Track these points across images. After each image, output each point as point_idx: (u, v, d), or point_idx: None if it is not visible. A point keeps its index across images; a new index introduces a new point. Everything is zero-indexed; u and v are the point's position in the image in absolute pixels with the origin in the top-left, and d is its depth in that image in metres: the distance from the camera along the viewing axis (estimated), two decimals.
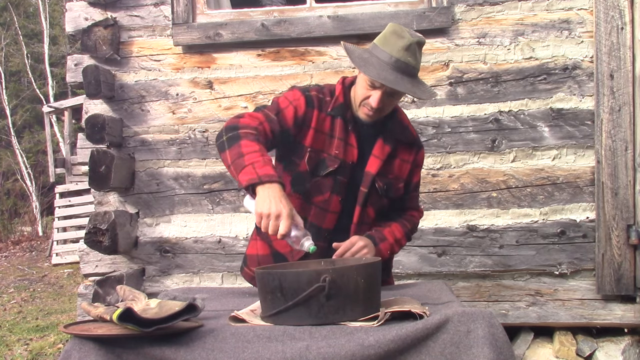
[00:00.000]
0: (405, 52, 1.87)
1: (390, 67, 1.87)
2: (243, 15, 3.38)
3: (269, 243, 2.14)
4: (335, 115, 2.02)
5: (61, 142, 13.92)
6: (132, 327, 1.37)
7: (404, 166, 2.10)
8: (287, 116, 1.98)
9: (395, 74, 1.87)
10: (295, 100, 2.01)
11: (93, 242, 3.14)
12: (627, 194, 3.08)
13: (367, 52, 1.96)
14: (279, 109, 1.99)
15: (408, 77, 1.88)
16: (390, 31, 1.92)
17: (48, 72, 16.52)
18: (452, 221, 3.22)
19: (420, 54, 1.93)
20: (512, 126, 3.19)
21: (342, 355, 1.35)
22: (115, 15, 3.40)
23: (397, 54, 1.87)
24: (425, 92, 1.95)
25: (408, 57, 1.87)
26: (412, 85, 1.89)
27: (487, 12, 3.21)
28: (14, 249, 11.51)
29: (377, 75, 1.86)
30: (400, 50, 1.87)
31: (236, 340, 1.42)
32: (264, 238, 2.16)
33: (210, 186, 3.34)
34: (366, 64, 1.90)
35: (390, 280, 2.27)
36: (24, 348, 4.66)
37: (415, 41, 1.88)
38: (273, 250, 2.11)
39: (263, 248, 2.15)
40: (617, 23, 3.08)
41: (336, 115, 2.02)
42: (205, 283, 3.34)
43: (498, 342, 1.37)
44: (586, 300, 3.16)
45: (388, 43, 1.90)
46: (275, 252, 2.10)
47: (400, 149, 2.09)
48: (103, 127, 3.17)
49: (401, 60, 1.87)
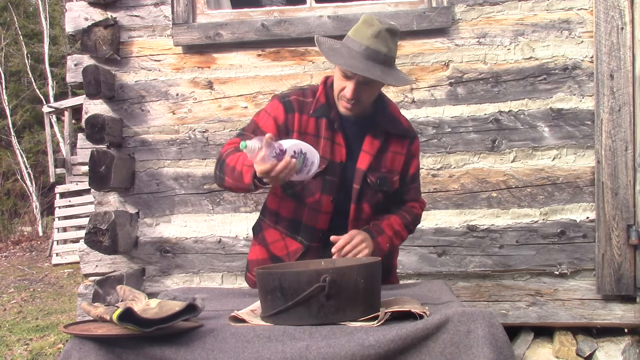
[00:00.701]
0: (374, 40, 1.86)
1: (360, 55, 1.86)
2: (243, 15, 3.38)
3: (265, 247, 2.14)
4: (318, 116, 2.02)
5: (61, 142, 13.92)
6: (132, 327, 1.37)
7: (397, 159, 2.07)
8: (268, 129, 1.98)
9: (365, 62, 1.85)
10: (274, 110, 2.03)
11: (93, 242, 3.14)
12: (627, 194, 3.08)
13: (339, 43, 1.95)
14: (256, 126, 2.03)
15: (380, 65, 1.87)
16: (361, 21, 1.92)
17: (48, 72, 16.53)
18: (452, 221, 3.22)
19: (393, 42, 1.91)
20: (512, 126, 3.19)
21: (342, 355, 1.35)
22: (115, 15, 3.40)
23: (366, 42, 1.86)
24: (398, 80, 1.93)
25: (378, 45, 1.86)
26: (383, 73, 1.87)
27: (487, 12, 3.21)
28: (14, 249, 11.52)
29: (344, 64, 1.85)
30: (369, 38, 1.86)
31: (236, 340, 1.42)
32: (260, 242, 2.17)
33: (210, 186, 3.34)
34: (335, 54, 1.90)
35: (394, 279, 2.24)
36: (24, 348, 4.66)
37: (385, 28, 1.87)
38: (270, 254, 2.12)
39: (261, 252, 2.16)
40: (617, 23, 3.08)
41: (319, 116, 2.02)
42: (205, 283, 3.34)
43: (498, 342, 1.37)
44: (586, 300, 3.17)
45: (358, 32, 1.89)
46: (272, 256, 2.11)
47: (392, 141, 2.07)
48: (103, 127, 3.17)
49: (371, 48, 1.85)
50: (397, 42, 1.94)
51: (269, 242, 2.13)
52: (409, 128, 2.14)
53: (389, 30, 1.87)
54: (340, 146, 2.02)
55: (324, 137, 2.01)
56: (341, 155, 2.02)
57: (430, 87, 3.23)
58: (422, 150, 3.21)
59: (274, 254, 2.10)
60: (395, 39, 1.92)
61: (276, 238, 2.11)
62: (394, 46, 1.92)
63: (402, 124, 2.11)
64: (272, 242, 2.12)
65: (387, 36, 1.87)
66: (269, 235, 2.13)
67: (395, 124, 2.09)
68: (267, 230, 2.14)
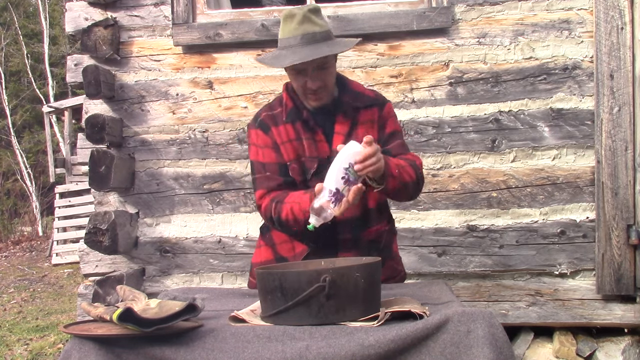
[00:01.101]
0: (302, 26, 1.89)
1: (300, 45, 1.89)
2: (243, 15, 3.38)
3: (272, 247, 2.14)
4: (292, 120, 2.05)
5: (61, 142, 13.93)
6: (132, 327, 1.37)
7: (370, 127, 2.06)
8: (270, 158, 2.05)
9: (305, 48, 1.88)
10: (258, 139, 2.08)
11: (93, 242, 3.14)
12: (627, 194, 3.08)
13: (276, 49, 1.98)
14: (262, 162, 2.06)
15: (321, 43, 1.89)
16: (282, 19, 1.95)
17: (48, 72, 16.54)
18: (452, 221, 3.22)
19: (319, 18, 1.94)
20: (512, 126, 3.19)
21: (342, 355, 1.35)
22: (115, 15, 3.40)
23: (295, 32, 1.89)
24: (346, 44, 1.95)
25: (308, 28, 1.89)
26: (329, 47, 1.90)
27: (487, 12, 3.21)
28: (14, 249, 11.52)
29: (292, 61, 1.88)
30: (296, 27, 1.89)
31: (236, 340, 1.42)
32: (267, 242, 2.16)
33: (210, 186, 3.34)
34: (278, 59, 1.93)
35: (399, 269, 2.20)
36: (24, 348, 4.66)
37: (306, 11, 1.90)
38: (277, 255, 2.11)
39: (267, 253, 2.15)
40: (617, 23, 3.08)
41: (293, 120, 2.05)
42: (205, 283, 3.34)
43: (498, 342, 1.37)
44: (586, 300, 3.16)
45: (286, 28, 1.93)
46: (278, 257, 2.10)
47: (362, 114, 2.07)
48: (103, 127, 3.17)
49: (306, 34, 1.89)
50: (323, 17, 1.97)
51: (277, 243, 2.13)
52: (376, 97, 2.14)
53: (311, 11, 1.92)
54: (322, 142, 2.04)
55: (305, 139, 2.03)
56: (325, 150, 2.03)
57: (430, 87, 3.23)
58: (423, 150, 3.22)
59: (281, 255, 2.10)
60: (320, 15, 1.95)
61: (284, 239, 2.11)
62: (323, 22, 1.96)
63: (368, 95, 2.12)
64: (280, 243, 2.12)
65: (312, 16, 1.91)
66: (277, 236, 2.13)
67: (360, 97, 2.10)
68: (274, 231, 2.13)
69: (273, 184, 2.04)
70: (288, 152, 2.05)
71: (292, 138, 2.04)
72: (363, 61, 3.26)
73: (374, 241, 2.10)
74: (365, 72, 3.25)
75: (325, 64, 1.92)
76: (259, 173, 2.08)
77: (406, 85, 3.24)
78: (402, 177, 1.91)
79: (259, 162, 2.08)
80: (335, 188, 1.71)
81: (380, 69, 3.25)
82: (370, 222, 2.09)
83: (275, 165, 2.05)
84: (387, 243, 2.15)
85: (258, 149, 2.08)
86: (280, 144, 2.05)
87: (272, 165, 2.05)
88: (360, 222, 2.06)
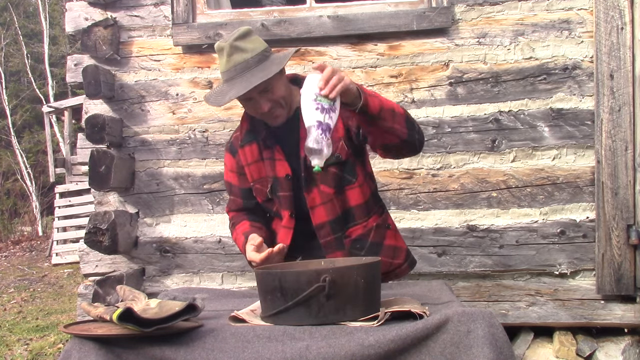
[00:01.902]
0: (232, 57, 1.88)
1: (237, 76, 1.88)
2: (243, 15, 3.38)
3: None
4: (249, 143, 2.08)
5: (61, 142, 13.92)
6: (132, 327, 1.37)
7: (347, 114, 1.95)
8: (234, 182, 2.18)
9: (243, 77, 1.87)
10: (227, 162, 2.18)
11: (93, 242, 3.14)
12: (627, 194, 3.08)
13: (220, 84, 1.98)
14: (230, 185, 2.21)
15: (255, 67, 1.88)
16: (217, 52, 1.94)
17: (48, 72, 16.53)
18: (452, 221, 3.22)
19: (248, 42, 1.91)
20: (512, 126, 3.19)
21: (342, 355, 1.35)
22: (115, 15, 3.40)
23: (228, 65, 1.89)
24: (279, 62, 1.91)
25: (237, 58, 1.88)
26: (264, 70, 1.87)
27: (487, 12, 3.21)
28: (14, 249, 11.52)
29: (232, 95, 1.86)
30: (228, 60, 1.89)
31: (236, 340, 1.42)
32: None
33: (210, 186, 3.34)
34: (220, 95, 1.93)
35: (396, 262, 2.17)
36: (24, 348, 4.66)
37: (232, 41, 1.88)
38: None
39: None
40: (617, 23, 3.08)
41: (250, 142, 2.08)
42: (205, 283, 3.34)
43: (498, 342, 1.37)
44: (586, 300, 3.17)
45: (222, 62, 1.93)
46: None
47: None
48: (103, 127, 3.17)
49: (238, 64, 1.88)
50: (252, 37, 1.94)
51: None
52: None
53: (237, 39, 1.89)
54: (280, 160, 2.04)
55: (265, 159, 2.06)
56: (285, 168, 2.03)
57: (430, 87, 3.23)
58: (423, 150, 3.20)
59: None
60: (248, 38, 1.92)
61: None
62: (253, 44, 1.92)
63: None
64: None
65: (239, 44, 1.89)
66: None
67: None
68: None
69: (234, 206, 2.23)
70: (252, 173, 2.10)
71: (256, 159, 2.09)
72: (363, 61, 3.26)
73: (359, 240, 2.08)
74: (365, 72, 3.25)
75: (268, 86, 1.90)
76: (228, 193, 2.26)
77: (406, 85, 3.24)
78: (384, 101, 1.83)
79: (228, 183, 2.23)
80: (316, 121, 1.65)
81: (380, 69, 3.25)
82: (353, 220, 2.08)
83: (238, 189, 2.18)
84: (378, 239, 2.12)
85: (227, 171, 2.20)
86: (245, 166, 2.11)
87: (235, 188, 2.19)
88: (342, 222, 2.06)
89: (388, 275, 2.13)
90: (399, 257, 2.18)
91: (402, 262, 2.19)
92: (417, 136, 1.96)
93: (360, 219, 2.09)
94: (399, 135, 1.89)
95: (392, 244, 2.18)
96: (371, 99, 1.78)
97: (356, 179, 2.07)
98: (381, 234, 2.14)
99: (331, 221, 2.04)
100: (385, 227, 2.17)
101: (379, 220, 2.15)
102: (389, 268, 2.14)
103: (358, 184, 2.08)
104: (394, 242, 2.19)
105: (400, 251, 2.19)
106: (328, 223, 2.04)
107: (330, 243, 2.05)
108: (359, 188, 2.08)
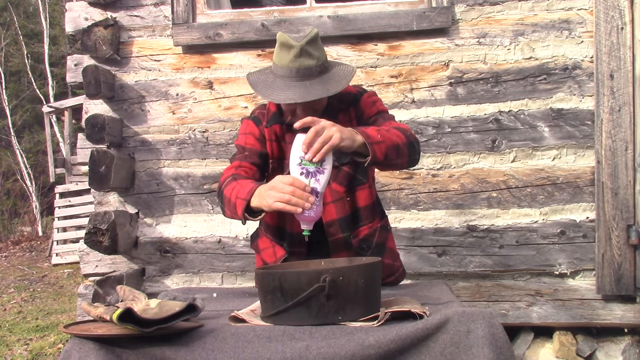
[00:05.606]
0: (299, 60, 1.84)
1: (293, 80, 1.84)
2: (243, 15, 3.38)
3: (259, 254, 2.18)
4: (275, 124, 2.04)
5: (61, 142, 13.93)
6: (132, 327, 1.37)
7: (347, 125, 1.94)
8: (252, 144, 2.04)
9: (300, 85, 1.83)
10: (248, 128, 2.07)
11: (93, 242, 3.14)
12: (627, 194, 3.08)
13: (271, 73, 1.93)
14: (243, 145, 2.06)
15: (316, 78, 1.85)
16: (278, 44, 1.89)
17: (48, 72, 16.54)
18: (452, 221, 3.22)
19: (317, 48, 1.87)
20: (512, 126, 3.19)
21: (342, 355, 1.35)
22: (115, 15, 3.40)
23: (291, 65, 1.84)
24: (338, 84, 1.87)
25: (304, 62, 1.84)
26: (323, 84, 1.84)
27: (487, 12, 3.21)
28: (14, 249, 11.52)
29: (286, 98, 1.83)
30: (292, 60, 1.84)
31: (236, 340, 1.42)
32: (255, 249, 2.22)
33: (210, 186, 3.34)
34: (270, 89, 1.88)
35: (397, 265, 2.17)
36: (24, 348, 4.66)
37: (304, 44, 1.84)
38: (264, 262, 2.15)
39: (258, 261, 2.21)
40: (617, 23, 3.08)
41: (276, 123, 2.04)
42: (205, 283, 3.34)
43: (498, 342, 1.37)
44: (586, 300, 3.17)
45: (284, 57, 1.87)
46: (264, 264, 2.13)
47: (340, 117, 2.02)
48: (103, 127, 3.17)
49: (299, 69, 1.84)
50: (319, 42, 1.90)
51: (261, 250, 2.17)
52: (354, 93, 2.07)
53: (309, 43, 1.85)
54: None
55: (288, 142, 2.02)
56: None
57: (430, 87, 3.23)
58: (423, 151, 3.21)
59: (265, 262, 2.13)
60: (317, 44, 1.88)
61: (267, 245, 2.14)
62: (319, 52, 1.88)
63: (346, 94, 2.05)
64: (263, 250, 2.15)
65: (309, 49, 1.85)
66: (262, 243, 2.17)
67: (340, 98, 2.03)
68: (261, 238, 2.19)
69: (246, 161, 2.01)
70: (273, 150, 2.06)
71: (278, 138, 2.06)
72: (363, 61, 3.26)
73: (366, 240, 2.09)
74: (365, 72, 3.25)
75: (317, 103, 1.88)
76: (238, 153, 2.06)
77: (406, 85, 3.24)
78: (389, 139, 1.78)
79: (241, 146, 2.07)
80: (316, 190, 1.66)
81: (380, 69, 3.25)
82: (362, 221, 2.09)
83: (256, 151, 2.04)
84: (381, 240, 2.14)
85: (245, 135, 2.07)
86: (268, 140, 2.05)
87: (253, 150, 2.04)
88: (351, 222, 2.07)
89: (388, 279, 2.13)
90: (397, 260, 2.22)
91: (400, 265, 2.22)
92: (417, 156, 1.97)
93: (367, 220, 2.10)
94: (403, 166, 1.92)
95: (392, 247, 2.21)
96: (377, 147, 1.73)
97: (367, 179, 2.09)
98: (384, 236, 2.16)
99: (340, 220, 2.05)
100: (387, 230, 2.20)
101: (382, 222, 2.18)
102: (391, 271, 2.15)
103: (368, 185, 2.09)
104: (393, 245, 2.22)
105: (397, 255, 2.24)
106: (337, 221, 2.04)
107: (338, 241, 2.05)
108: (369, 189, 2.10)
